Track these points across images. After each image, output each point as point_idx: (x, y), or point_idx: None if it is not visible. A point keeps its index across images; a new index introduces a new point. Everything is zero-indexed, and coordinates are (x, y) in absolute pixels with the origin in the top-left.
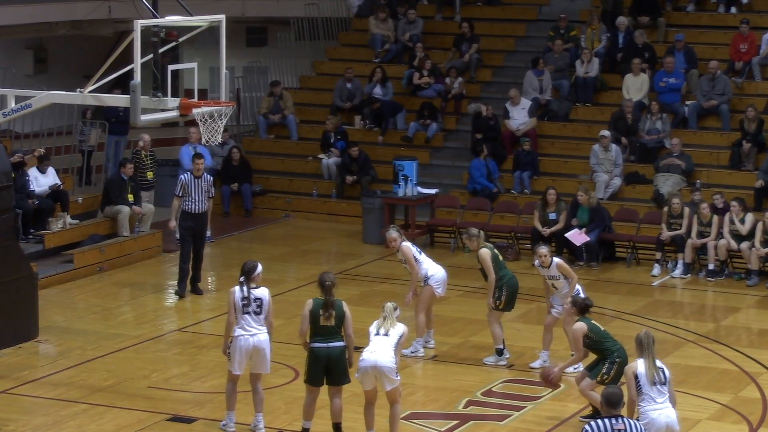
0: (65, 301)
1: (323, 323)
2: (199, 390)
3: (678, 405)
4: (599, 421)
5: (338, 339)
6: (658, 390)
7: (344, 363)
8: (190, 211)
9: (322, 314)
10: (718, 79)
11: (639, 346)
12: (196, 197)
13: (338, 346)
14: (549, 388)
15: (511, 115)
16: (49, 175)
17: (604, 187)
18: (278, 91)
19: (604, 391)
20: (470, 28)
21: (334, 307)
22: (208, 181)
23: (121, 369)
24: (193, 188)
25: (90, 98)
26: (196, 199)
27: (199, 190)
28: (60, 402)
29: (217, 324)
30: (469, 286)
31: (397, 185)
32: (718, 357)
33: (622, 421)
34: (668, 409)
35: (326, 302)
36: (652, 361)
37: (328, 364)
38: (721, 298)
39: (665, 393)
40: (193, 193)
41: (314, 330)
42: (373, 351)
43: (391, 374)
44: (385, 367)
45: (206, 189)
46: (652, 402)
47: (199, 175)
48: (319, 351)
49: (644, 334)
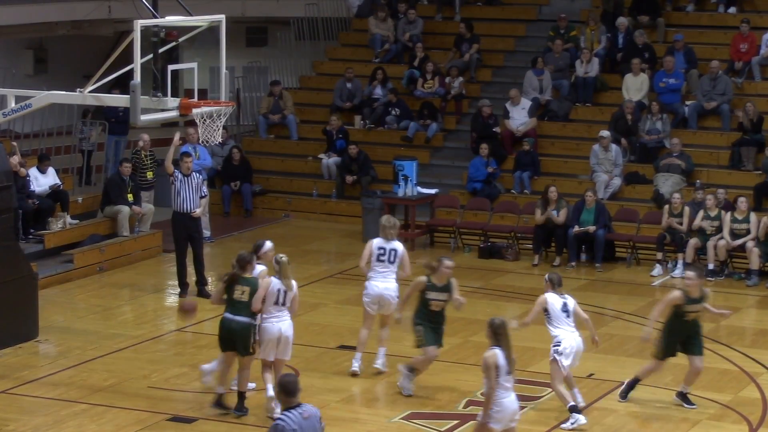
0: (65, 301)
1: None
2: (199, 390)
3: (677, 405)
4: (289, 414)
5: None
6: (510, 378)
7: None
8: (180, 210)
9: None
10: (719, 79)
11: (495, 335)
12: (186, 196)
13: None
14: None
15: (511, 115)
16: (49, 175)
17: (604, 187)
18: (278, 91)
19: (281, 381)
20: (468, 28)
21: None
22: (198, 180)
23: (121, 369)
24: (183, 186)
25: (90, 98)
26: (186, 198)
27: (190, 189)
28: (60, 402)
29: (217, 323)
30: (470, 286)
31: (397, 185)
32: (718, 357)
33: (304, 407)
34: (513, 393)
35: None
36: (508, 351)
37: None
38: (721, 298)
39: (512, 380)
40: (183, 192)
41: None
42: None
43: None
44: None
45: (197, 188)
46: (505, 390)
47: (188, 173)
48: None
49: (499, 322)
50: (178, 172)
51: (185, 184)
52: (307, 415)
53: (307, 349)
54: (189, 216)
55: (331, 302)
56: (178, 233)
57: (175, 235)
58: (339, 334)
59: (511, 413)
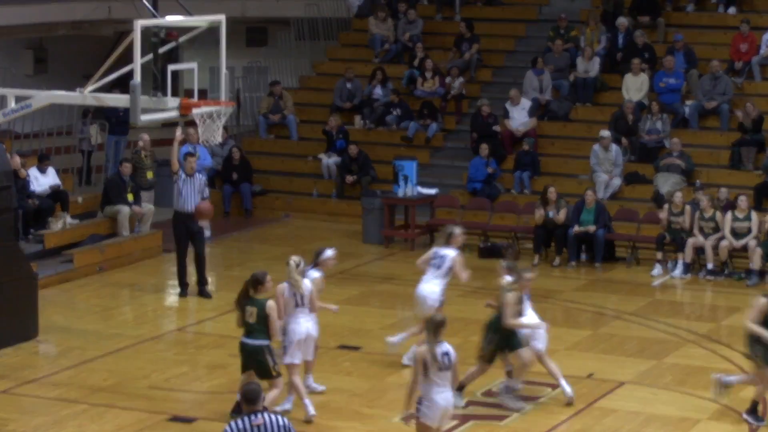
0: (65, 301)
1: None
2: (199, 390)
3: (678, 405)
4: (238, 421)
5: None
6: (443, 374)
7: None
8: (182, 210)
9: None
10: (719, 79)
11: (433, 331)
12: (188, 196)
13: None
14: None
15: (511, 115)
16: (49, 175)
17: (604, 187)
18: (278, 91)
19: (243, 389)
20: (468, 28)
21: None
22: (201, 180)
23: (121, 369)
24: (186, 186)
25: (90, 98)
26: (188, 198)
27: (192, 189)
28: (60, 402)
29: (217, 324)
30: (470, 286)
31: (396, 185)
32: (718, 357)
33: (261, 416)
34: (448, 392)
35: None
36: (435, 347)
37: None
38: (722, 298)
39: (447, 377)
40: (185, 191)
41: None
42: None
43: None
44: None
45: (199, 189)
46: (436, 386)
47: (191, 173)
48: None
49: (440, 320)
50: (182, 171)
51: (188, 184)
52: (259, 422)
53: None
54: (190, 215)
55: (331, 302)
56: (179, 232)
57: (176, 234)
58: (339, 334)
59: (442, 409)
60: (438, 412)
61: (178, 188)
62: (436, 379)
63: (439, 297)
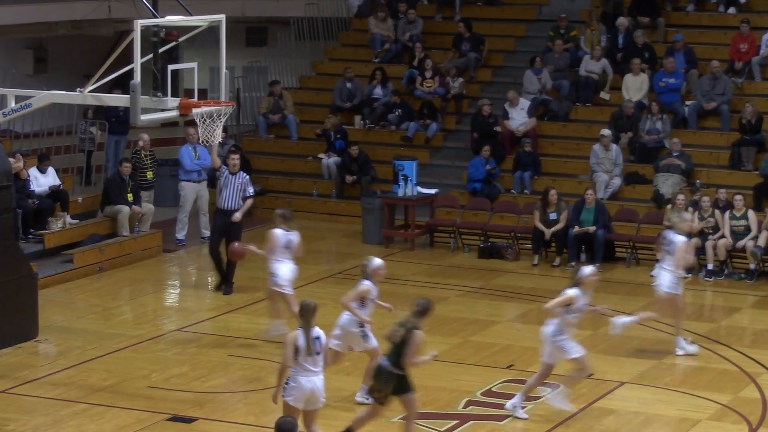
0: (65, 301)
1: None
2: (199, 390)
3: (678, 405)
4: None
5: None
6: (312, 359)
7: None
8: (221, 207)
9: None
10: (719, 79)
11: (303, 317)
12: (228, 194)
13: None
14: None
15: (510, 116)
16: (49, 175)
17: (604, 187)
18: (278, 91)
19: (278, 421)
20: (468, 28)
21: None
22: (243, 179)
23: (120, 369)
24: (227, 184)
25: (90, 98)
26: (226, 196)
27: (233, 187)
28: (60, 402)
29: (218, 323)
30: (469, 286)
31: (396, 185)
32: (717, 357)
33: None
34: (317, 377)
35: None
36: (308, 332)
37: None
38: (721, 298)
39: (318, 361)
40: (225, 190)
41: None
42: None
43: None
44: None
45: (241, 187)
46: (303, 370)
47: (235, 172)
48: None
49: (311, 306)
50: (225, 169)
51: (230, 182)
52: None
53: None
54: (228, 213)
55: (330, 302)
56: (214, 227)
57: (212, 229)
58: None
59: (307, 393)
60: (303, 395)
61: (220, 185)
62: (305, 363)
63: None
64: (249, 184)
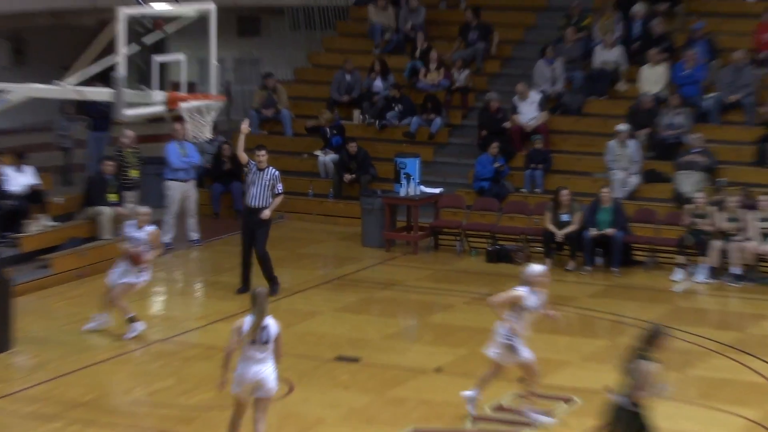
0: (42, 309)
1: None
2: (186, 405)
3: (701, 421)
4: None
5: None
6: (258, 348)
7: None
8: (249, 204)
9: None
10: (742, 71)
11: (253, 302)
12: (255, 191)
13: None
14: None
15: (520, 110)
16: (27, 173)
17: (620, 186)
18: (271, 84)
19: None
20: (475, 15)
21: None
22: (272, 175)
23: (101, 383)
24: (255, 180)
25: (71, 92)
26: (255, 194)
27: (261, 184)
28: (36, 419)
29: (206, 333)
30: (477, 292)
31: (398, 184)
32: (745, 368)
33: None
34: (264, 366)
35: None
36: (259, 320)
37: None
38: (748, 304)
39: (266, 351)
40: (252, 186)
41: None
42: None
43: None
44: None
45: (270, 184)
46: (248, 358)
47: (263, 168)
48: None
49: (260, 291)
50: (253, 165)
51: (257, 178)
52: None
53: (302, 360)
54: (256, 210)
55: (328, 310)
56: (243, 227)
57: (242, 229)
58: (336, 345)
59: (251, 381)
60: (245, 382)
61: (247, 181)
62: (251, 352)
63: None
64: (279, 180)
